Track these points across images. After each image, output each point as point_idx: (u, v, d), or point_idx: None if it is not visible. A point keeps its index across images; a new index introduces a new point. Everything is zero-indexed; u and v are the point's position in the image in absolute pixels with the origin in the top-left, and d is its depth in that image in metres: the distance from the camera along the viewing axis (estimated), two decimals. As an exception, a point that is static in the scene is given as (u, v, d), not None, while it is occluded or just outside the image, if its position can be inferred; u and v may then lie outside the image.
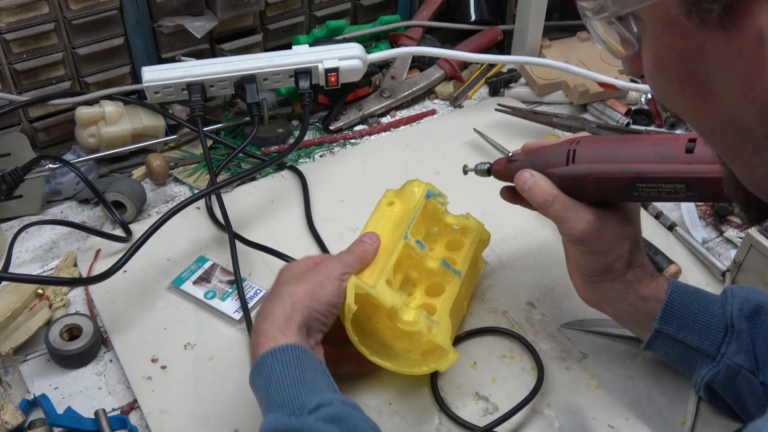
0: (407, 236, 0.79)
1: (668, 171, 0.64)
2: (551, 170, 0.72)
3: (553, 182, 0.72)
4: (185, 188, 1.02)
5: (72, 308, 0.87)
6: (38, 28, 0.95)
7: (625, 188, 0.68)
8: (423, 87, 1.16)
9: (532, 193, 0.72)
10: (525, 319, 0.86)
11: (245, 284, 0.87)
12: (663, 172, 0.64)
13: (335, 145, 1.09)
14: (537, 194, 0.72)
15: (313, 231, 0.95)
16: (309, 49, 1.04)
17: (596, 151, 0.70)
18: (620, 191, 0.68)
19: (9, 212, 0.96)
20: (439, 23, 1.23)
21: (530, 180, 0.73)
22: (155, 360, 0.81)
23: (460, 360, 0.81)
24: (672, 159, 0.64)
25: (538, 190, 0.72)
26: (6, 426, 0.73)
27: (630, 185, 0.67)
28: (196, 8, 1.05)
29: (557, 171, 0.71)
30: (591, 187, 0.70)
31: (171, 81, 0.98)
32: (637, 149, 0.67)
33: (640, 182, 0.66)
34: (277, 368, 0.65)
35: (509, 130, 1.09)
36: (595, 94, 1.13)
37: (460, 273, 0.79)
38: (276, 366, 0.65)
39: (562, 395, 0.79)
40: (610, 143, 0.70)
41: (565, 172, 0.71)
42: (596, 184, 0.69)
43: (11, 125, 1.01)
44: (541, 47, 1.20)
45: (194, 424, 0.76)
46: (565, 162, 0.71)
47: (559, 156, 0.72)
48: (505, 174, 0.78)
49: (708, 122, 0.48)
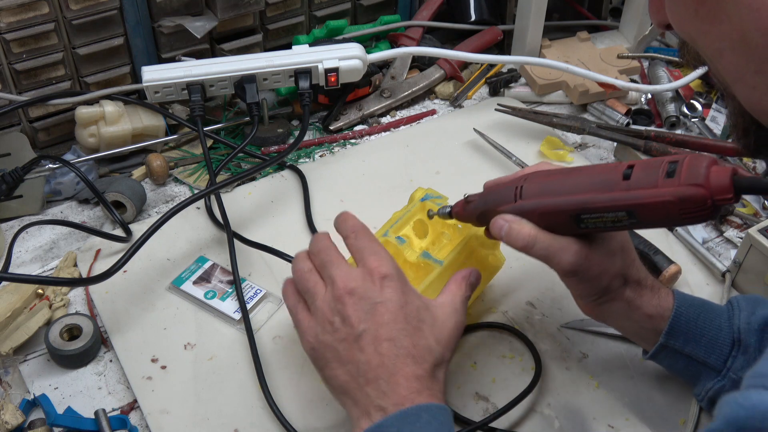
0: (387, 234, 0.79)
1: (608, 200, 0.64)
2: (502, 208, 0.71)
3: None
4: (185, 188, 1.02)
5: (72, 308, 0.87)
6: (38, 28, 0.95)
7: (571, 220, 0.67)
8: (423, 87, 1.16)
9: (510, 239, 0.70)
10: (525, 319, 0.86)
11: (245, 284, 0.87)
12: (603, 201, 0.64)
13: (335, 145, 1.09)
14: (515, 239, 0.69)
15: (313, 231, 0.95)
16: (309, 49, 1.04)
17: (542, 185, 0.69)
18: (568, 224, 0.68)
19: (9, 212, 0.96)
20: (439, 23, 1.23)
21: (505, 226, 0.70)
22: (155, 360, 0.81)
23: (460, 360, 0.81)
24: (611, 187, 0.64)
25: (516, 235, 0.69)
26: (6, 426, 0.73)
27: (575, 217, 0.67)
28: (196, 8, 1.05)
29: (507, 208, 0.71)
30: (540, 222, 0.69)
31: (171, 81, 0.98)
32: (579, 180, 0.67)
33: (583, 213, 0.66)
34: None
35: (509, 130, 1.09)
36: (595, 94, 1.13)
37: (442, 262, 0.78)
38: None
39: (562, 395, 0.79)
40: (556, 176, 0.70)
41: (514, 209, 0.70)
42: (544, 218, 0.69)
43: (11, 125, 1.01)
44: (541, 47, 1.20)
45: (194, 424, 0.76)
46: (514, 199, 0.71)
47: (508, 193, 0.71)
48: (465, 216, 0.77)
49: (718, 43, 0.53)
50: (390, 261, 0.70)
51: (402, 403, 0.63)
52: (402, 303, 0.67)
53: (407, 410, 0.62)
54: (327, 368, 0.68)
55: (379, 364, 0.65)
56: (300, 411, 0.77)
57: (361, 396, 0.65)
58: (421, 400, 0.63)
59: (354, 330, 0.66)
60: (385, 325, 0.66)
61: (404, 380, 0.64)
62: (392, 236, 0.80)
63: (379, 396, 0.64)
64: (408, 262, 0.79)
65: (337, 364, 0.67)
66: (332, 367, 0.67)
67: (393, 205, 0.87)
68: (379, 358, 0.65)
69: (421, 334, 0.67)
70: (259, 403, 0.77)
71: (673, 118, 1.11)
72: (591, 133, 1.06)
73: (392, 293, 0.67)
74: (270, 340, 0.83)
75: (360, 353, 0.65)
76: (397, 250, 0.80)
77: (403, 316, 0.67)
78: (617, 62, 1.17)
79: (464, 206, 0.76)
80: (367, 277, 0.68)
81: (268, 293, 0.87)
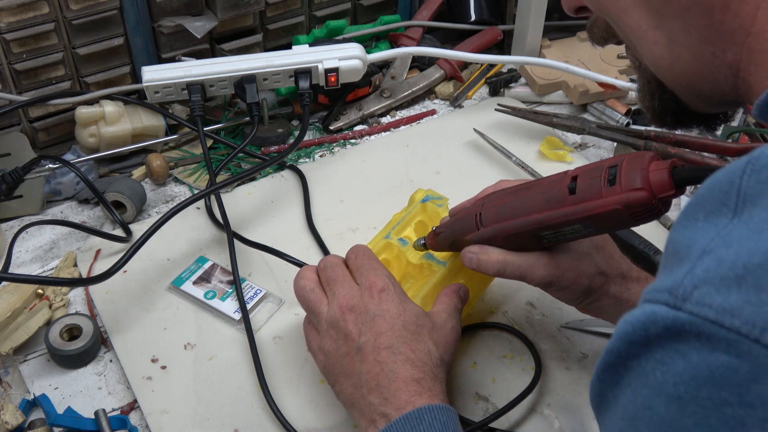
0: (389, 236, 0.80)
1: (560, 216, 0.65)
2: (468, 237, 0.73)
3: None
4: (185, 188, 1.02)
5: (72, 308, 0.87)
6: (38, 28, 0.95)
7: (533, 238, 0.69)
8: (423, 87, 1.16)
9: (481, 269, 0.72)
10: (525, 319, 0.86)
11: (245, 284, 0.87)
12: (557, 217, 0.65)
13: (335, 145, 1.09)
14: (487, 269, 0.72)
15: (313, 231, 0.95)
16: (309, 49, 1.04)
17: (498, 210, 0.71)
18: (532, 241, 0.69)
19: (9, 212, 0.96)
20: (439, 23, 1.23)
21: (474, 258, 0.72)
22: (155, 360, 0.81)
23: (460, 360, 0.81)
24: (559, 203, 0.65)
25: (485, 265, 0.72)
26: (6, 426, 0.73)
27: (535, 235, 0.68)
28: (196, 8, 1.05)
29: (472, 237, 0.73)
30: (506, 244, 0.71)
31: (171, 81, 0.99)
32: (530, 200, 0.68)
33: (542, 231, 0.67)
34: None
35: (509, 130, 1.09)
36: (595, 94, 1.13)
37: (445, 263, 0.79)
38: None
39: (562, 395, 0.79)
40: (508, 198, 0.71)
41: (478, 237, 0.72)
42: (509, 241, 0.70)
43: (11, 125, 1.01)
44: (541, 47, 1.20)
45: (194, 424, 0.76)
46: (476, 227, 0.72)
47: (469, 221, 0.73)
48: (437, 246, 0.78)
49: (622, 2, 0.55)
50: (387, 276, 0.72)
51: (404, 408, 0.64)
52: (399, 312, 0.69)
53: (409, 414, 0.63)
54: (336, 384, 0.70)
55: (379, 372, 0.66)
56: (300, 411, 0.77)
57: (365, 405, 0.66)
58: (422, 402, 0.64)
59: (355, 343, 0.68)
60: (382, 334, 0.67)
61: (404, 384, 0.65)
62: (394, 238, 0.80)
63: (381, 403, 0.65)
64: (411, 263, 0.79)
65: (343, 379, 0.69)
66: (340, 381, 0.69)
67: (393, 205, 0.87)
68: (378, 367, 0.66)
69: (419, 339, 0.68)
70: (259, 403, 0.77)
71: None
72: (591, 133, 1.06)
73: (389, 305, 0.69)
74: (270, 340, 0.83)
75: (361, 364, 0.67)
76: (400, 252, 0.80)
77: (401, 325, 0.68)
78: (617, 62, 1.17)
79: (435, 238, 0.78)
80: (366, 292, 0.70)
81: (268, 293, 0.87)
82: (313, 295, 0.73)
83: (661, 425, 0.42)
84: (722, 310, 0.39)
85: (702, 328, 0.39)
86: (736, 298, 0.39)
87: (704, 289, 0.40)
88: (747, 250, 0.40)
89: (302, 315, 0.80)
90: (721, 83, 0.53)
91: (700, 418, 0.40)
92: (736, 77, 0.52)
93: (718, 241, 0.41)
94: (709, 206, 0.43)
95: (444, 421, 0.63)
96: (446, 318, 0.72)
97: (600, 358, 0.46)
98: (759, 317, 0.38)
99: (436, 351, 0.69)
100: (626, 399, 0.44)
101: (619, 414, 0.45)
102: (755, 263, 0.39)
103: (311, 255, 0.92)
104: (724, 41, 0.51)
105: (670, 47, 0.54)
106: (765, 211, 0.40)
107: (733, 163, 0.43)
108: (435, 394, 0.65)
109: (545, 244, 0.70)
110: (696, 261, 0.41)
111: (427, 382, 0.66)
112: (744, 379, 0.38)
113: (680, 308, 0.40)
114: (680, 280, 0.41)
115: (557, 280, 0.71)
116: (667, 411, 0.41)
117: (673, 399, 0.41)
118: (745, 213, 0.41)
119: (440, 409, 0.64)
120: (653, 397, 0.42)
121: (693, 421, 0.40)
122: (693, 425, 0.40)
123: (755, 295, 0.38)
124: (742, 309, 0.38)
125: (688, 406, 0.40)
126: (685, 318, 0.40)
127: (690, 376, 0.40)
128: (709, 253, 0.41)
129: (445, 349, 0.70)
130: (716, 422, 0.39)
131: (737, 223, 0.41)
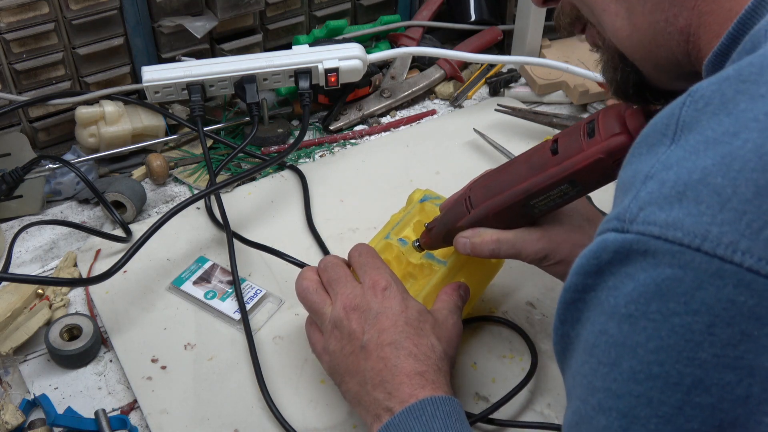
0: (389, 236, 0.80)
1: (546, 179, 0.66)
2: (459, 224, 0.73)
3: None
4: (185, 188, 1.02)
5: (72, 308, 0.87)
6: (38, 28, 0.95)
7: (523, 209, 0.69)
8: (423, 87, 1.16)
9: (477, 252, 0.73)
10: (525, 319, 0.86)
11: (245, 284, 0.87)
12: (542, 181, 0.66)
13: (335, 145, 1.09)
14: (481, 251, 0.72)
15: (313, 231, 0.95)
16: (309, 49, 1.04)
17: (485, 189, 0.72)
18: (522, 213, 0.70)
19: (9, 212, 0.96)
20: (439, 23, 1.23)
21: (467, 243, 0.73)
22: (155, 360, 0.81)
23: (460, 360, 0.81)
24: (544, 167, 0.66)
25: (479, 247, 0.72)
26: (6, 426, 0.73)
27: (525, 206, 0.69)
28: (196, 8, 1.05)
29: (464, 222, 0.73)
30: (497, 222, 0.71)
31: (171, 81, 0.99)
32: (515, 172, 0.69)
33: (531, 199, 0.68)
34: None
35: (509, 130, 1.09)
36: (595, 94, 1.13)
37: (446, 262, 0.79)
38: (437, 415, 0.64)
39: (562, 395, 0.79)
40: (494, 176, 0.72)
41: (469, 220, 0.72)
42: (499, 218, 0.71)
43: (11, 125, 1.01)
44: (541, 47, 1.20)
45: (194, 424, 0.76)
46: (466, 211, 0.73)
47: (460, 208, 0.74)
48: (431, 243, 0.79)
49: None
50: (390, 274, 0.72)
51: (407, 401, 0.64)
52: (402, 309, 0.69)
53: (412, 406, 0.63)
54: (342, 384, 0.70)
55: (383, 367, 0.66)
56: (299, 411, 0.77)
57: (371, 401, 0.66)
58: (425, 394, 0.64)
59: (359, 342, 0.68)
60: (386, 331, 0.68)
61: (407, 378, 0.65)
62: (394, 238, 0.80)
63: (386, 398, 0.65)
64: (411, 263, 0.79)
65: (348, 377, 0.69)
66: (345, 381, 0.69)
67: (393, 205, 0.87)
68: (382, 363, 0.66)
69: (422, 334, 0.68)
70: (259, 404, 0.77)
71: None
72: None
73: (392, 302, 0.69)
74: (270, 340, 0.83)
75: (365, 361, 0.67)
76: (400, 252, 0.80)
77: (403, 320, 0.68)
78: (617, 62, 1.17)
79: (428, 234, 0.78)
80: (369, 290, 0.70)
81: (268, 293, 0.87)
82: (316, 296, 0.73)
83: (615, 346, 0.43)
84: (665, 225, 0.41)
85: (648, 245, 0.41)
86: (677, 212, 0.41)
87: (649, 209, 0.42)
88: (686, 169, 0.42)
89: (302, 315, 0.81)
90: (675, 51, 0.55)
91: (651, 332, 0.42)
92: (688, 42, 0.54)
93: (658, 166, 0.43)
94: (651, 140, 0.45)
95: (447, 412, 0.63)
96: (447, 314, 0.73)
97: (559, 298, 0.48)
98: (699, 227, 0.40)
99: (439, 345, 0.69)
100: (586, 332, 0.46)
101: (581, 347, 0.47)
102: (694, 179, 0.41)
103: (311, 255, 0.92)
104: (676, 7, 0.53)
105: (629, 18, 0.56)
106: (700, 134, 0.42)
107: (674, 100, 0.45)
108: (438, 386, 0.65)
109: (537, 214, 0.70)
110: (640, 186, 0.43)
111: (431, 375, 0.66)
112: (689, 288, 0.40)
113: (627, 231, 0.43)
114: (627, 206, 0.43)
115: (552, 253, 0.71)
116: (620, 331, 0.43)
117: (624, 318, 0.43)
118: (682, 139, 0.43)
119: (443, 400, 0.64)
120: (607, 321, 0.44)
121: (645, 335, 0.42)
122: (645, 340, 0.42)
123: (695, 208, 0.40)
124: (683, 221, 0.40)
125: (639, 322, 0.42)
126: (632, 238, 0.42)
127: (638, 294, 0.42)
128: (651, 178, 0.43)
129: (448, 343, 0.70)
130: (666, 333, 0.41)
131: (675, 148, 0.43)
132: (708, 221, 0.40)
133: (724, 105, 0.42)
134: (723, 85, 0.43)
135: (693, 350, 0.40)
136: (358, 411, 0.69)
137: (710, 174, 0.40)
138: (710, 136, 0.42)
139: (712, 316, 0.40)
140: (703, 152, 0.41)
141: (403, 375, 0.65)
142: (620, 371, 0.43)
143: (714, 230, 0.40)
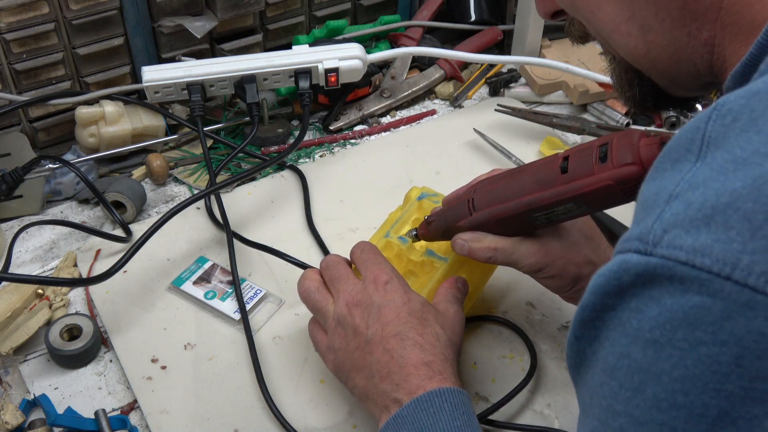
0: (388, 234, 0.80)
1: (552, 195, 0.66)
2: (460, 223, 0.73)
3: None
4: (185, 188, 1.02)
5: (72, 308, 0.87)
6: (38, 28, 0.95)
7: (526, 220, 0.69)
8: (423, 87, 1.16)
9: (473, 256, 0.73)
10: (525, 319, 0.86)
11: (245, 284, 0.87)
12: (548, 197, 0.66)
13: (335, 145, 1.09)
14: (478, 256, 0.72)
15: (313, 231, 0.95)
16: (309, 49, 1.04)
17: (490, 194, 0.71)
18: (524, 224, 0.70)
19: (9, 212, 0.96)
20: (439, 23, 1.23)
21: (465, 246, 0.73)
22: (155, 360, 0.81)
23: (460, 360, 0.81)
24: (551, 183, 0.66)
25: (477, 252, 0.72)
26: (6, 426, 0.73)
27: (527, 217, 0.69)
28: (196, 8, 1.05)
29: (464, 223, 0.73)
30: (498, 228, 0.71)
31: (171, 81, 0.99)
32: (521, 183, 0.69)
33: (534, 212, 0.68)
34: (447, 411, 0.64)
35: (509, 130, 1.09)
36: (595, 94, 1.13)
37: (447, 258, 0.79)
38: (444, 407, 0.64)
39: (562, 395, 0.79)
40: (501, 182, 0.72)
41: (471, 222, 0.72)
42: (499, 224, 0.71)
43: (11, 125, 1.01)
44: (541, 47, 1.20)
45: (194, 424, 0.76)
46: (468, 212, 0.73)
47: (462, 208, 0.74)
48: (430, 236, 0.79)
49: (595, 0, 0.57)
50: (391, 269, 0.72)
51: (415, 392, 0.64)
52: (404, 301, 0.69)
53: (420, 398, 0.63)
54: (349, 380, 0.70)
55: (389, 359, 0.66)
56: (299, 411, 0.77)
57: (378, 394, 0.66)
58: (433, 385, 0.64)
59: (364, 336, 0.68)
60: (389, 323, 0.68)
61: (414, 369, 0.65)
62: (394, 237, 0.80)
63: (393, 389, 0.65)
64: (412, 261, 0.80)
65: (355, 373, 0.69)
66: (352, 377, 0.69)
67: (393, 206, 0.87)
68: (388, 355, 0.66)
69: (426, 323, 0.69)
70: (259, 404, 0.77)
71: (673, 118, 1.11)
72: (591, 133, 1.06)
73: (394, 294, 0.69)
74: (270, 340, 0.83)
75: (371, 355, 0.67)
76: (401, 250, 0.80)
77: (406, 312, 0.68)
78: (617, 62, 1.17)
79: (427, 227, 0.78)
80: (371, 285, 0.70)
81: (268, 293, 0.87)
82: (318, 295, 0.73)
83: (639, 371, 0.42)
84: (692, 251, 0.39)
85: (674, 270, 0.40)
86: (705, 237, 0.39)
87: (674, 232, 0.40)
88: (714, 191, 0.40)
89: (302, 315, 0.81)
90: (698, 63, 0.54)
91: (677, 360, 0.40)
92: (712, 54, 0.53)
93: (683, 185, 0.42)
94: (675, 155, 0.44)
95: (454, 403, 0.63)
96: (447, 305, 0.73)
97: (575, 315, 0.46)
98: (729, 255, 0.38)
99: (444, 333, 0.69)
100: (605, 351, 0.45)
101: (600, 367, 0.45)
102: (723, 203, 0.39)
103: (311, 255, 0.92)
104: (698, 21, 0.52)
105: (644, 36, 0.55)
106: (729, 153, 0.41)
107: (700, 113, 0.44)
108: (446, 377, 0.65)
109: (538, 225, 0.70)
110: (664, 206, 0.42)
111: (438, 365, 0.66)
112: (717, 318, 0.39)
113: (651, 253, 0.41)
114: (650, 227, 0.41)
115: (546, 267, 0.71)
116: (644, 356, 0.42)
117: (649, 344, 0.41)
118: (708, 156, 0.42)
119: (450, 392, 0.64)
120: (630, 344, 0.43)
121: (670, 363, 0.40)
122: (670, 367, 0.40)
123: (724, 234, 0.39)
124: (712, 248, 0.39)
125: (665, 349, 0.41)
126: (657, 262, 0.41)
127: (665, 320, 0.41)
128: (677, 198, 0.41)
129: (452, 331, 0.70)
130: (692, 362, 0.40)
131: (700, 166, 0.42)
132: (738, 249, 0.38)
133: (753, 122, 0.41)
134: (752, 100, 0.42)
135: (720, 382, 0.39)
136: (367, 406, 0.69)
137: (740, 198, 0.39)
138: (739, 156, 0.40)
139: (741, 348, 0.38)
140: (732, 173, 0.40)
141: (410, 366, 0.65)
142: (643, 398, 0.42)
143: (745, 259, 0.38)
